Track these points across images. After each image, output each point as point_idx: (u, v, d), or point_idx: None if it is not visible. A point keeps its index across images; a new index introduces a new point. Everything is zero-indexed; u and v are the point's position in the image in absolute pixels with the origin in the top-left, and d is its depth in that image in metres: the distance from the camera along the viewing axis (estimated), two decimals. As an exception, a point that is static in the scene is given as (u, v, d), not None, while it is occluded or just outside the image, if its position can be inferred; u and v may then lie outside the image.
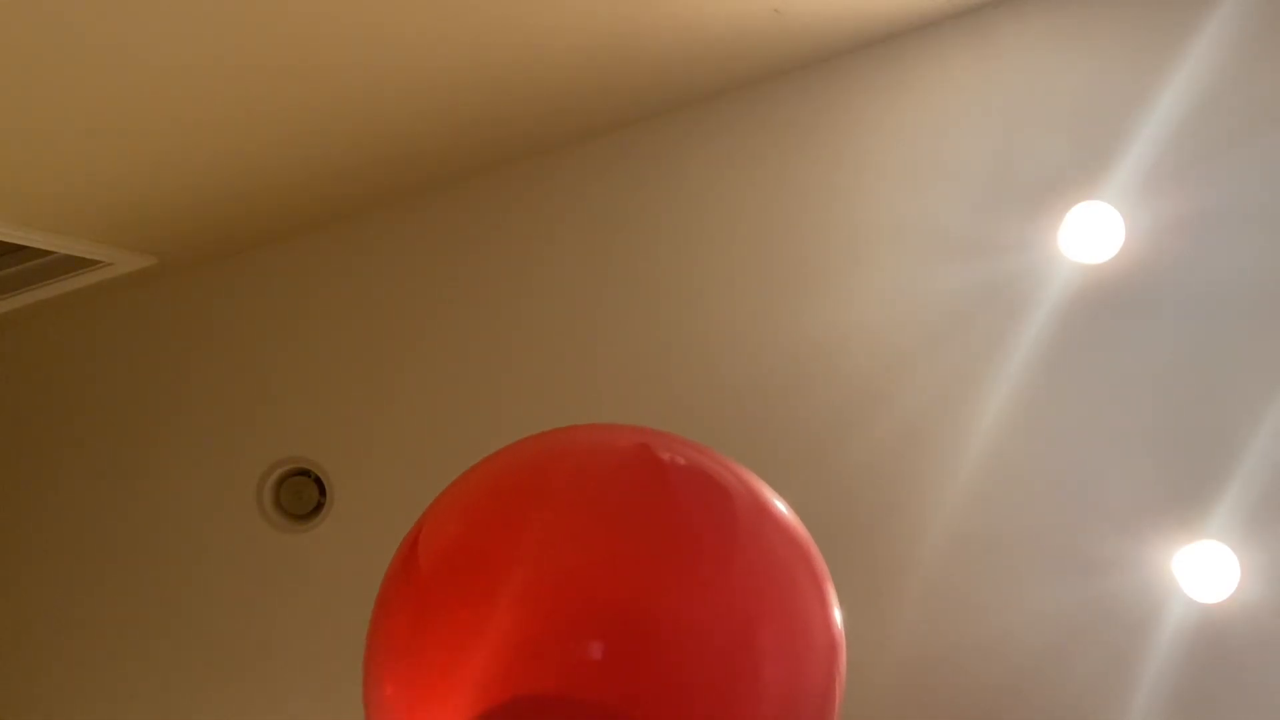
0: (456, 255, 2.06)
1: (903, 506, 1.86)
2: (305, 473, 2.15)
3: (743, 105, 1.93)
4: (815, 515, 1.17)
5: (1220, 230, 1.72)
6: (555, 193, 2.02)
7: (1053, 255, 1.77)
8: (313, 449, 2.12)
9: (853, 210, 1.89)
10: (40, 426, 2.24)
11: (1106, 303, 1.76)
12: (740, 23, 1.61)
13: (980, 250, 1.81)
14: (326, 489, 2.12)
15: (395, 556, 1.07)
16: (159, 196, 1.66)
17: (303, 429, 2.13)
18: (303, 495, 2.16)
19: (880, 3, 1.70)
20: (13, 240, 1.59)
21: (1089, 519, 1.78)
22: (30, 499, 2.24)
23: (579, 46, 1.55)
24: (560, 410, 2.00)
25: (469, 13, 1.32)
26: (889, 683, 1.84)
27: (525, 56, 1.53)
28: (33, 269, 1.82)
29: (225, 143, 1.52)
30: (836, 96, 1.89)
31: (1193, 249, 1.73)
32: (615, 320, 2.00)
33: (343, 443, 2.12)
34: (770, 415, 1.91)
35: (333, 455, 2.12)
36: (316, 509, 2.14)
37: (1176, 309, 1.74)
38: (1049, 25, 1.79)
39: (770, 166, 1.93)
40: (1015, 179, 1.80)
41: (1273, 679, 1.71)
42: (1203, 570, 1.68)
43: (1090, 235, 1.73)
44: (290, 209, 1.97)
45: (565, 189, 2.02)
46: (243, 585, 2.14)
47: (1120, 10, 1.76)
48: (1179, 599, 1.72)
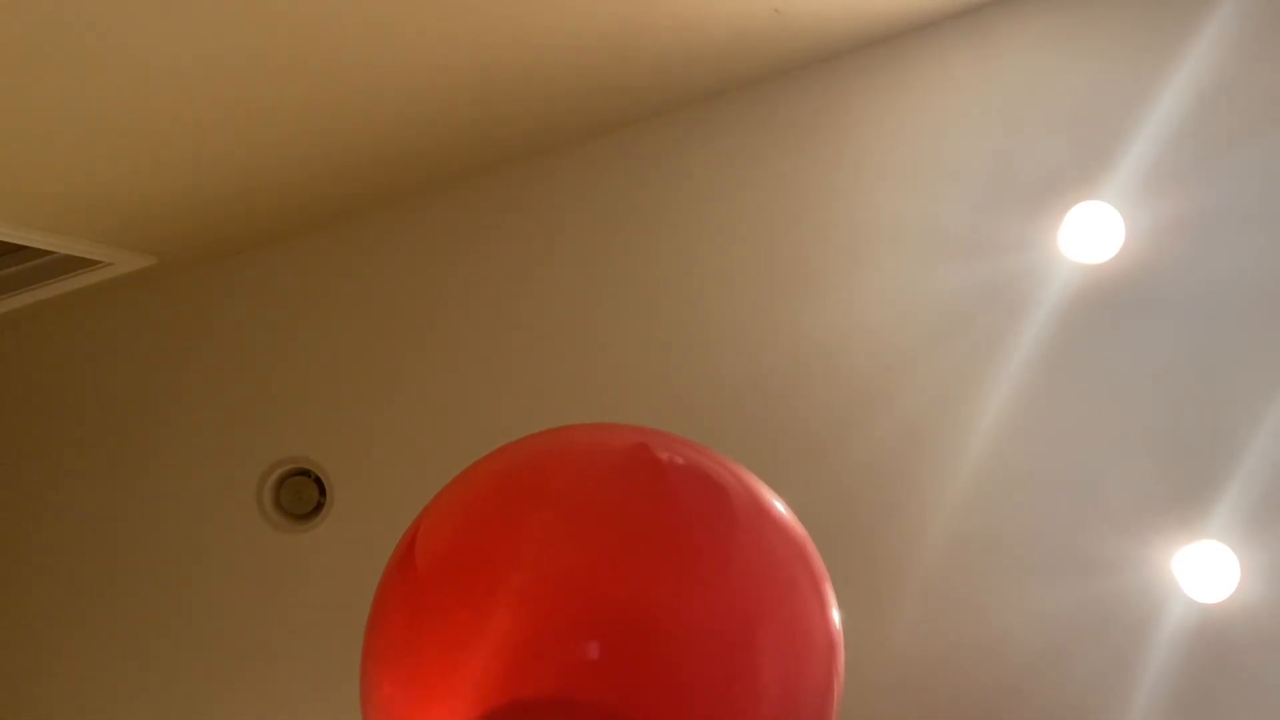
0: (456, 255, 2.06)
1: (903, 506, 1.86)
2: (305, 473, 2.15)
3: (743, 105, 1.93)
4: (815, 515, 1.17)
5: (1220, 230, 1.72)
6: (555, 193, 2.02)
7: (1053, 255, 1.77)
8: (313, 449, 2.12)
9: (853, 210, 1.89)
10: (40, 426, 2.24)
11: (1106, 303, 1.76)
12: (740, 23, 1.61)
13: (980, 250, 1.81)
14: (326, 489, 2.13)
15: (392, 556, 1.06)
16: (159, 196, 1.66)
17: (303, 429, 2.13)
18: (303, 495, 2.16)
19: (880, 3, 1.70)
20: (13, 240, 1.59)
21: (1089, 519, 1.78)
22: (30, 499, 2.24)
23: (579, 46, 1.55)
24: (560, 410, 2.00)
25: (469, 13, 1.32)
26: (889, 683, 1.84)
27: (525, 56, 1.53)
28: (33, 269, 1.82)
29: (225, 143, 1.52)
30: (836, 96, 1.89)
31: (1193, 249, 1.73)
32: (615, 320, 2.00)
33: (343, 443, 2.12)
34: (770, 415, 1.91)
35: (333, 455, 2.12)
36: (316, 509, 2.14)
37: (1176, 309, 1.74)
38: (1049, 25, 1.79)
39: (770, 166, 1.93)
40: (1015, 179, 1.80)
41: (1273, 679, 1.71)
42: (1203, 570, 1.68)
43: (1090, 235, 1.72)
44: (290, 209, 1.97)
45: (565, 189, 2.02)
46: (243, 585, 2.14)
47: (1120, 10, 1.76)
48: (1179, 599, 1.72)
